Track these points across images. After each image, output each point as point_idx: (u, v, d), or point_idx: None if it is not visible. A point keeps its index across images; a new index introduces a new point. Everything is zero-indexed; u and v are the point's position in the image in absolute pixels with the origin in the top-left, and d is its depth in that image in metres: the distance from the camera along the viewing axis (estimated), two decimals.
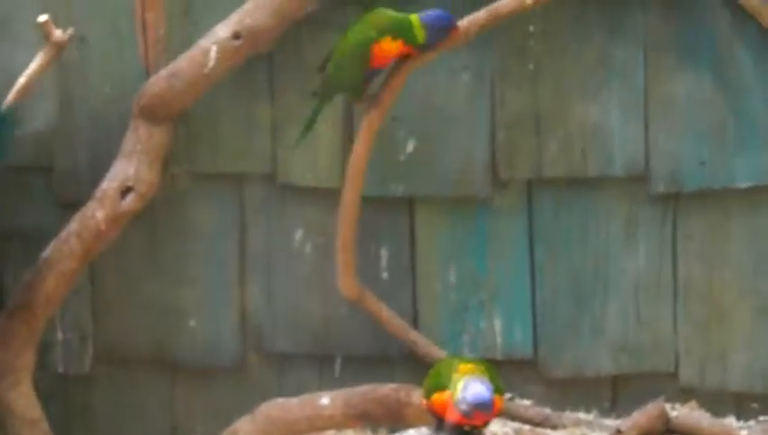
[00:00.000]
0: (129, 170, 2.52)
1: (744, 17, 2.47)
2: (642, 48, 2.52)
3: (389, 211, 2.62)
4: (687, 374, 2.59)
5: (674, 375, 2.60)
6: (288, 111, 2.61)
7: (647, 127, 2.54)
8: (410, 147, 2.60)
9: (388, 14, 2.41)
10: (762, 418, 2.56)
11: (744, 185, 2.53)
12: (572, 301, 2.61)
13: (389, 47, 2.39)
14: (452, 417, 2.13)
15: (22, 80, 2.46)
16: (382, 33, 2.38)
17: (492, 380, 2.15)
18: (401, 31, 2.38)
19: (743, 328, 2.57)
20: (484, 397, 2.11)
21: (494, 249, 2.61)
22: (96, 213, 2.52)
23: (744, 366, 2.58)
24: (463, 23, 2.44)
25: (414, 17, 2.39)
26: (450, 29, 2.40)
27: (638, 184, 2.57)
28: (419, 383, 2.32)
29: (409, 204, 2.63)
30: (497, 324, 2.62)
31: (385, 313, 2.60)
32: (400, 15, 2.40)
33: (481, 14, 2.44)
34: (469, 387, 2.11)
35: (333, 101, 2.53)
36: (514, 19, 2.47)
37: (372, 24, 2.39)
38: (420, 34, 2.38)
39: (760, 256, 2.56)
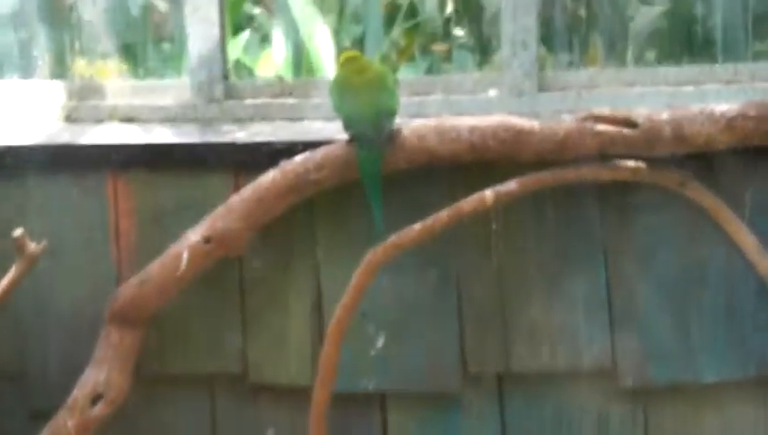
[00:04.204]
0: (101, 377, 2.52)
1: (704, 215, 2.52)
2: (602, 244, 2.56)
3: (361, 407, 2.62)
4: None
5: None
6: (258, 312, 2.63)
7: (611, 322, 2.57)
8: (380, 342, 2.63)
9: None
10: None
11: (710, 380, 2.55)
12: None
13: None
14: None
15: None
16: None
17: None
18: None
19: None
20: None
21: None
22: (67, 422, 2.51)
23: None
24: (427, 222, 2.50)
25: None
26: None
27: (608, 379, 2.57)
28: None
29: (381, 399, 2.63)
30: None
31: None
32: None
33: (444, 213, 2.50)
34: None
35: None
36: (477, 218, 2.52)
37: None
38: None
39: None
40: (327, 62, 3.74)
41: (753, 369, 2.55)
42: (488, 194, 2.49)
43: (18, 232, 2.47)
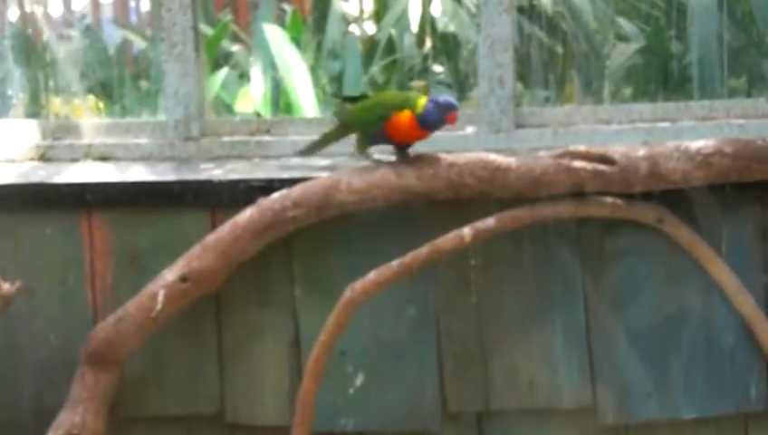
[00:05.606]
0: (75, 419, 2.49)
1: (683, 256, 2.52)
2: (581, 281, 2.55)
3: None
4: None
5: None
6: (235, 351, 2.60)
7: (591, 358, 2.56)
8: (359, 381, 2.61)
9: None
10: None
11: (689, 416, 2.54)
12: None
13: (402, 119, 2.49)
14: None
15: None
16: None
17: None
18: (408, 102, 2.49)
19: None
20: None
21: None
22: None
23: None
24: (406, 259, 2.50)
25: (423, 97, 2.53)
26: (449, 110, 2.46)
27: (587, 415, 2.56)
28: None
29: None
30: None
31: None
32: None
33: (423, 250, 2.49)
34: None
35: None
36: (456, 254, 2.51)
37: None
38: (421, 104, 2.46)
39: None
40: (305, 99, 3.74)
41: (732, 406, 2.55)
42: (466, 231, 2.49)
43: None
